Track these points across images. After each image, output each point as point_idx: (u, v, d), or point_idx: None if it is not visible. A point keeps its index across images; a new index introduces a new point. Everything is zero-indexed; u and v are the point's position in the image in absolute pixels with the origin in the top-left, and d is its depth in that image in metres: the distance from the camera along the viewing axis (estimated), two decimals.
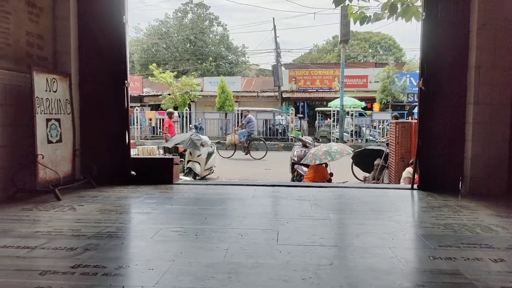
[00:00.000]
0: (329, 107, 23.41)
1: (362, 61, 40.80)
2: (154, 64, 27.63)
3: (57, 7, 5.22)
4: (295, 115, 23.73)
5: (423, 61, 5.12)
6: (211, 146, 11.54)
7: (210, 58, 37.64)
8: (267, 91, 29.27)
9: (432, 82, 5.07)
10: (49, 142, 4.66)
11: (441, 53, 5.05)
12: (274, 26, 29.62)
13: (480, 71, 4.87)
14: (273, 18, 30.99)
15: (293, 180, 9.56)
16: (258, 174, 12.36)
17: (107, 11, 5.29)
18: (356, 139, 20.61)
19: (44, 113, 4.59)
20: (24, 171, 4.56)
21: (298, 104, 29.73)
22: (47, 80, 4.66)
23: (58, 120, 4.82)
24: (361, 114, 22.65)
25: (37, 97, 4.45)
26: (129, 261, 2.73)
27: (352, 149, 11.30)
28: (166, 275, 2.38)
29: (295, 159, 10.42)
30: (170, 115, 15.78)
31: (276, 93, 28.22)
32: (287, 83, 28.33)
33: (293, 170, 10.04)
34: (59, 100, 4.86)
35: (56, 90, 4.81)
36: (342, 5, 7.87)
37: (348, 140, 20.05)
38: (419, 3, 6.73)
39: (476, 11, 4.84)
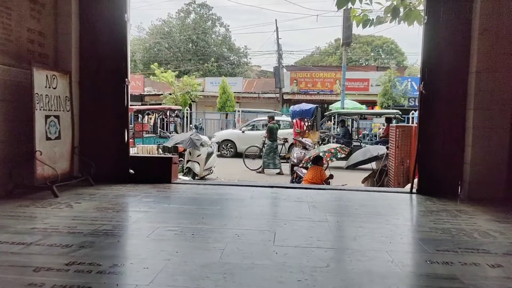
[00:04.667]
0: (330, 109, 23.37)
1: (364, 64, 40.77)
2: (156, 64, 27.60)
3: (59, 4, 5.21)
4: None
5: (424, 65, 5.11)
6: (211, 146, 11.53)
7: (212, 59, 37.63)
8: (268, 93, 29.24)
9: (433, 86, 5.06)
10: (48, 138, 4.65)
11: (442, 57, 5.03)
12: (277, 28, 29.61)
13: (481, 77, 4.85)
14: (276, 19, 30.91)
15: (292, 182, 9.55)
16: (257, 175, 12.33)
17: (109, 9, 5.28)
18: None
19: (43, 110, 4.58)
20: (22, 167, 4.55)
21: None
22: (47, 76, 4.66)
23: (57, 117, 4.81)
24: (362, 118, 22.62)
25: (36, 93, 4.45)
26: (124, 259, 2.72)
27: (349, 149, 11.29)
28: (160, 274, 2.37)
29: (295, 161, 10.41)
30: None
31: (277, 95, 28.19)
32: (288, 85, 28.29)
33: (292, 172, 10.04)
34: (59, 97, 4.86)
35: (56, 87, 4.80)
36: (344, 7, 7.88)
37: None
38: (421, 7, 6.73)
39: (477, 16, 4.83)
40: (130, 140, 5.85)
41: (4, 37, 4.42)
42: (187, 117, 23.04)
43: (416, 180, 5.36)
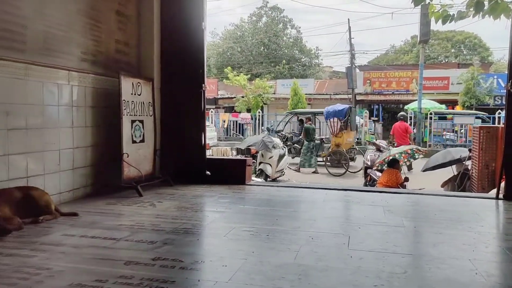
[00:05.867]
0: (406, 109, 22.42)
1: (443, 61, 38.60)
2: (229, 68, 28.39)
3: (142, 16, 5.59)
4: (369, 118, 23.05)
5: None
6: (283, 149, 11.62)
7: (283, 61, 37.85)
8: (340, 94, 28.75)
9: None
10: (133, 142, 5.01)
11: None
12: (349, 27, 29.05)
13: None
14: (348, 19, 30.45)
15: (365, 185, 9.33)
16: (329, 178, 12.22)
17: (187, 18, 5.56)
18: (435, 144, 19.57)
19: (130, 115, 4.94)
20: (110, 168, 4.94)
21: (372, 107, 28.87)
22: (132, 84, 5.02)
23: (141, 121, 5.17)
24: (441, 118, 21.43)
25: (124, 99, 4.81)
26: (204, 257, 2.87)
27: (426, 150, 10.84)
28: (238, 273, 2.47)
29: (368, 163, 10.16)
30: (404, 118, 13.82)
31: (350, 96, 27.63)
32: (361, 86, 27.60)
33: (366, 174, 9.81)
34: (143, 103, 5.21)
35: (140, 94, 5.16)
36: (422, 3, 7.55)
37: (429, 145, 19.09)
38: None
39: None
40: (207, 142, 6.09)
41: (96, 48, 4.84)
42: (258, 120, 23.39)
43: (502, 185, 5.01)
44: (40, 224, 3.49)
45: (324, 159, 13.50)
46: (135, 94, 5.05)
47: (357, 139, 22.15)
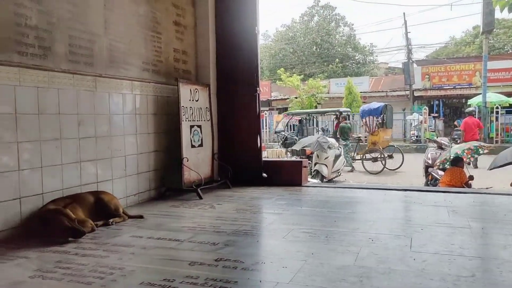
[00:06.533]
0: (469, 105, 21.30)
1: (510, 51, 36.19)
2: (282, 69, 28.43)
3: (198, 25, 5.80)
4: (429, 115, 22.14)
5: None
6: (338, 149, 11.48)
7: (337, 60, 37.30)
8: (397, 90, 27.84)
9: None
10: (192, 146, 5.19)
11: None
12: (405, 21, 28.09)
13: None
14: (404, 13, 29.47)
15: (427, 184, 9.00)
16: (387, 178, 11.90)
17: (241, 24, 5.69)
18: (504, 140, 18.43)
19: (188, 120, 5.13)
20: (172, 172, 5.15)
21: (432, 103, 27.69)
22: (190, 90, 5.21)
23: (199, 126, 5.34)
24: (508, 111, 20.13)
25: (182, 106, 5.00)
26: (264, 258, 2.93)
27: (492, 146, 10.24)
28: (299, 274, 2.50)
29: (429, 162, 9.77)
30: (471, 113, 13.56)
31: (407, 92, 26.69)
32: (419, 81, 26.54)
33: (427, 174, 9.45)
34: (200, 108, 5.39)
35: (198, 99, 5.34)
36: None
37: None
38: None
39: None
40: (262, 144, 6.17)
41: (156, 58, 5.08)
42: (312, 120, 23.19)
43: None
44: (110, 226, 3.73)
45: (361, 157, 13.78)
46: (193, 100, 5.23)
47: (416, 137, 21.43)
